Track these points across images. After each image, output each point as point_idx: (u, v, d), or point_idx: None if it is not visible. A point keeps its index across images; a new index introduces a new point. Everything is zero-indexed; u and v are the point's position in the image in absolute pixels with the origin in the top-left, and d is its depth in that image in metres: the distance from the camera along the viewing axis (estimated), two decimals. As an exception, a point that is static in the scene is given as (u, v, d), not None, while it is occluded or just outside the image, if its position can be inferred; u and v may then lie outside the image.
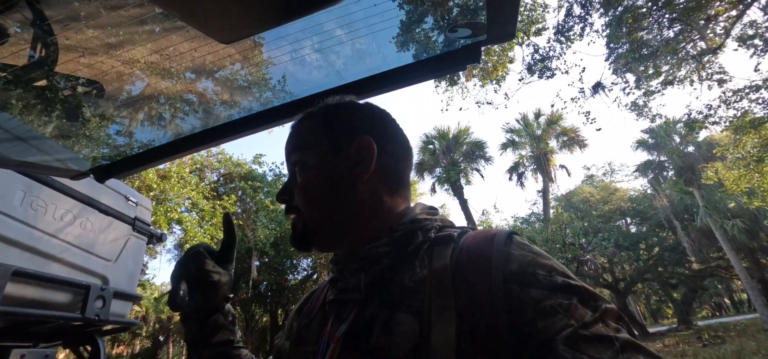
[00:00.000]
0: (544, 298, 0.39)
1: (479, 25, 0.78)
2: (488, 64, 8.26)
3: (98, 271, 1.68)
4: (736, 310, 35.54)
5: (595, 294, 0.40)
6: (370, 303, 0.49)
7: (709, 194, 15.09)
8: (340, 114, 0.61)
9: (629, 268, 18.93)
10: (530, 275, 0.42)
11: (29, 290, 1.33)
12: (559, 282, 0.41)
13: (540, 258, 0.44)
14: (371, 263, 0.52)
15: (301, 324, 0.61)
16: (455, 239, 0.51)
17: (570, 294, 0.39)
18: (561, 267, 0.44)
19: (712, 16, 7.35)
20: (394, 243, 0.52)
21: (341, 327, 0.50)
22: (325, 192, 0.56)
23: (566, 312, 0.38)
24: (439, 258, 0.48)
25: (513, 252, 0.45)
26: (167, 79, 1.08)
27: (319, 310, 0.60)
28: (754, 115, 8.33)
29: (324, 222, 0.56)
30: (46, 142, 1.14)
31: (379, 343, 0.44)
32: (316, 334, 0.56)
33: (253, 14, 0.50)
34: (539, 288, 0.40)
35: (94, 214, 1.70)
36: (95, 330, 1.70)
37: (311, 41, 0.90)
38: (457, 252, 0.48)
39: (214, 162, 13.45)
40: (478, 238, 0.49)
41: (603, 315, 0.38)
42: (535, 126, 18.90)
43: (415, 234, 0.53)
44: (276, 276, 13.81)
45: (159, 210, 9.00)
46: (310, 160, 0.58)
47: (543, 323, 0.38)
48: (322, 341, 0.53)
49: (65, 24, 0.81)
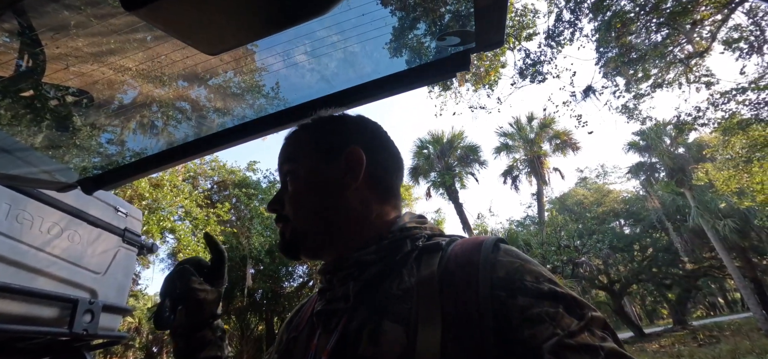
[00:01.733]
0: (531, 306, 0.40)
1: (468, 33, 0.79)
2: (480, 68, 8.34)
3: (87, 284, 1.64)
4: (729, 309, 35.91)
5: (582, 302, 0.41)
6: (358, 312, 0.49)
7: (701, 195, 15.30)
8: (331, 126, 0.63)
9: (624, 269, 19.06)
10: (517, 281, 0.42)
11: (14, 305, 1.29)
12: (545, 290, 0.41)
13: (527, 264, 0.44)
14: (359, 271, 0.52)
15: (290, 337, 0.61)
16: (443, 247, 0.51)
17: (556, 302, 0.40)
18: (548, 274, 0.44)
19: (698, 20, 7.52)
20: (382, 250, 0.53)
21: (331, 339, 0.49)
22: (314, 200, 0.57)
23: (552, 321, 0.38)
24: (427, 266, 0.49)
25: (500, 259, 0.45)
26: (158, 87, 1.07)
27: (307, 322, 0.59)
28: (742, 116, 8.50)
29: (311, 229, 0.57)
30: (32, 153, 1.12)
31: (366, 353, 0.44)
32: (303, 348, 0.55)
33: (239, 25, 0.49)
34: (526, 296, 0.40)
35: (83, 226, 1.67)
36: (83, 345, 1.66)
37: (303, 50, 0.90)
38: (444, 260, 0.48)
39: (207, 169, 13.35)
40: (466, 246, 0.49)
41: (589, 323, 0.38)
42: (528, 129, 19.08)
43: (404, 243, 0.53)
44: (271, 284, 13.67)
45: (151, 220, 8.88)
46: (301, 169, 0.59)
47: (529, 331, 0.38)
48: (310, 355, 0.52)
49: (54, 33, 0.80)
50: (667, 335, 16.90)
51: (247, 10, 0.46)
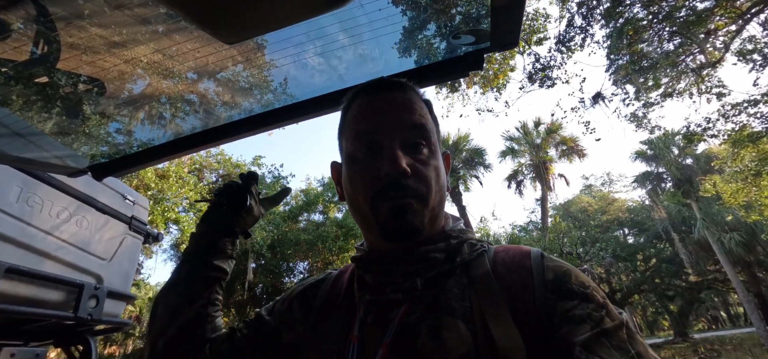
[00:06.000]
0: (574, 307, 0.43)
1: (483, 32, 0.78)
2: (489, 72, 8.30)
3: (93, 270, 1.66)
4: (732, 324, 35.49)
5: (614, 307, 0.44)
6: (415, 308, 0.49)
7: (707, 207, 15.11)
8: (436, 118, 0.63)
9: (626, 279, 18.90)
10: (566, 285, 0.45)
11: (22, 287, 1.31)
12: (588, 293, 0.44)
13: (571, 270, 0.48)
14: (428, 267, 0.51)
15: (317, 318, 0.58)
16: (487, 251, 0.54)
17: (600, 307, 0.42)
18: (589, 280, 0.47)
19: (712, 30, 7.42)
20: (450, 250, 0.53)
21: (389, 332, 0.48)
22: (443, 191, 0.56)
23: (592, 321, 0.41)
24: (478, 267, 0.51)
25: (547, 265, 0.48)
26: (169, 78, 1.08)
27: (342, 305, 0.57)
28: (753, 129, 8.37)
29: (436, 217, 0.55)
30: (44, 138, 1.13)
31: (426, 348, 0.44)
32: (338, 332, 0.53)
33: (258, 15, 0.49)
34: (572, 298, 0.44)
35: (91, 212, 1.69)
36: (87, 329, 1.68)
37: (314, 45, 0.89)
38: (491, 263, 0.51)
39: (213, 162, 13.42)
40: (512, 252, 0.53)
41: (622, 324, 0.41)
42: (534, 134, 18.95)
43: (464, 245, 0.54)
44: (272, 279, 13.73)
45: (156, 210, 8.96)
46: (436, 139, 0.57)
47: (567, 328, 0.41)
48: (350, 344, 0.50)
49: (69, 22, 0.80)
50: (667, 347, 16.74)
51: (267, 0, 0.46)
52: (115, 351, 19.42)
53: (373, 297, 0.52)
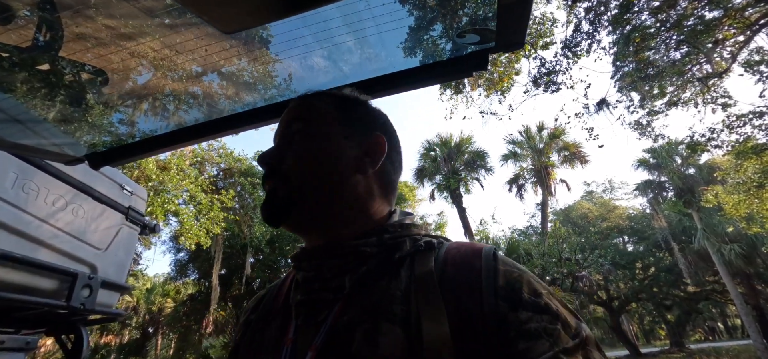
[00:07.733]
0: (529, 320, 0.40)
1: (488, 31, 0.76)
2: (494, 74, 8.26)
3: (87, 259, 1.64)
4: (729, 335, 35.42)
5: (577, 319, 0.41)
6: (351, 307, 0.46)
7: (708, 217, 15.06)
8: (358, 106, 0.63)
9: (624, 287, 18.85)
10: (517, 293, 0.42)
11: (14, 274, 1.29)
12: (543, 304, 0.41)
13: (525, 275, 0.45)
14: (357, 262, 0.49)
15: (257, 326, 0.57)
16: (436, 248, 0.51)
17: (555, 318, 0.40)
18: (544, 287, 0.44)
19: (720, 41, 7.37)
20: (383, 244, 0.51)
21: (319, 333, 0.46)
22: (323, 167, 0.54)
23: (549, 337, 0.38)
24: (422, 264, 0.48)
25: (499, 268, 0.45)
26: (172, 71, 1.06)
27: (280, 311, 0.55)
28: (757, 140, 8.32)
29: (312, 196, 0.53)
30: (42, 125, 1.12)
31: (361, 353, 0.41)
32: (274, 340, 0.51)
33: (256, 4, 0.47)
34: (525, 309, 0.41)
35: (88, 201, 1.67)
36: (80, 319, 1.67)
37: (317, 39, 0.88)
38: (440, 260, 0.48)
39: (214, 156, 13.42)
40: (464, 250, 0.49)
41: (584, 342, 0.39)
42: (537, 139, 18.90)
43: (405, 242, 0.52)
44: (270, 274, 13.74)
45: (156, 201, 8.96)
46: (316, 132, 0.56)
47: (525, 344, 0.38)
48: (284, 349, 0.48)
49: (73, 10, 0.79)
50: (663, 356, 16.70)
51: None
52: (111, 340, 19.47)
53: (303, 296, 0.50)
